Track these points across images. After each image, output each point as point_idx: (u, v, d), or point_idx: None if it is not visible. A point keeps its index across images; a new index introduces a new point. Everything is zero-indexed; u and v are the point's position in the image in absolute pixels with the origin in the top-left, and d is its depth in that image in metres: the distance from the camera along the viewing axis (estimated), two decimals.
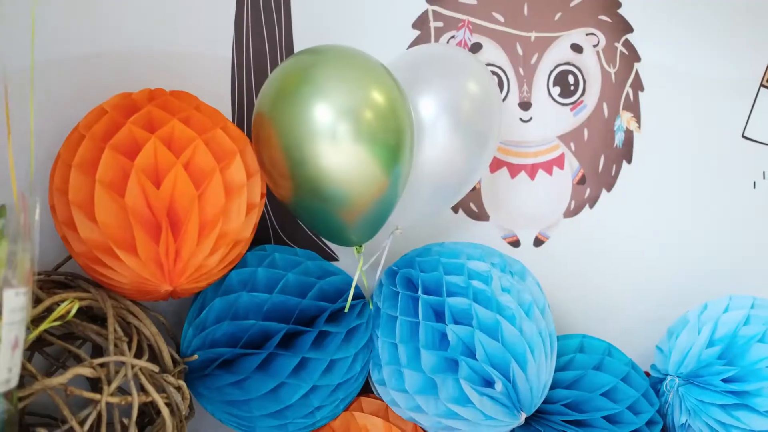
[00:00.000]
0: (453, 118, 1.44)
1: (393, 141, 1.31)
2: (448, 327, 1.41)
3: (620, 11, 1.73)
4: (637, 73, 1.75)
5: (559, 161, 1.74)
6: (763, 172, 1.83)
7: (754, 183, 1.83)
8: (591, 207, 1.77)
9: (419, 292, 1.45)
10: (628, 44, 1.74)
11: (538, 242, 1.76)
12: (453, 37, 1.67)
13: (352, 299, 1.46)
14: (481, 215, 1.73)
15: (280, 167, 1.31)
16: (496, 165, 1.71)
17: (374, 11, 1.64)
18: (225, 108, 1.54)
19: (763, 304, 1.68)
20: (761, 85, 1.81)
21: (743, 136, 1.81)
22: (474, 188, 1.70)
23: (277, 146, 1.30)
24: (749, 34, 1.79)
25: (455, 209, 1.71)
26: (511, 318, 1.42)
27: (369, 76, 1.32)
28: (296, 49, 1.59)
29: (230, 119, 1.51)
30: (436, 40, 1.66)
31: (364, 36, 1.60)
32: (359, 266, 1.44)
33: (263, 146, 1.34)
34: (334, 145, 1.28)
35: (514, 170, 1.73)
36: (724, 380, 1.57)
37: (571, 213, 1.76)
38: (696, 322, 1.66)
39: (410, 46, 1.66)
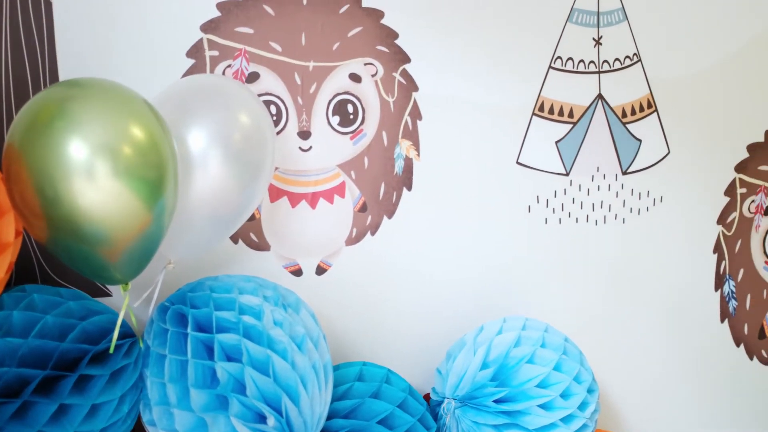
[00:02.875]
0: (224, 149, 1.45)
1: (154, 176, 1.30)
2: (218, 364, 1.42)
3: (398, 42, 1.80)
4: (415, 102, 1.83)
5: (340, 189, 1.79)
6: (537, 197, 1.95)
7: (529, 207, 1.95)
8: (373, 234, 1.83)
9: (189, 329, 1.45)
10: (405, 74, 1.82)
11: (320, 270, 1.80)
12: (229, 66, 1.69)
13: (121, 338, 1.44)
14: (261, 245, 1.75)
15: (32, 206, 1.28)
16: (276, 194, 1.74)
17: (148, 39, 1.63)
18: None
19: (534, 325, 1.80)
20: (533, 113, 1.93)
21: (518, 162, 1.93)
22: (254, 218, 1.72)
23: (28, 183, 1.26)
24: (520, 65, 1.91)
25: (234, 240, 1.72)
26: (282, 352, 1.45)
27: (127, 110, 1.31)
28: (62, 77, 1.55)
29: None
30: (212, 70, 1.67)
31: (135, 64, 1.59)
32: (124, 304, 1.42)
33: (14, 183, 1.30)
34: (91, 183, 1.25)
35: (294, 199, 1.76)
36: (496, 401, 1.67)
37: (353, 240, 1.82)
38: (472, 344, 1.76)
39: (185, 74, 1.66)
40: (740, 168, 2.16)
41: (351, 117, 1.78)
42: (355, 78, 1.77)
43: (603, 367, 2.01)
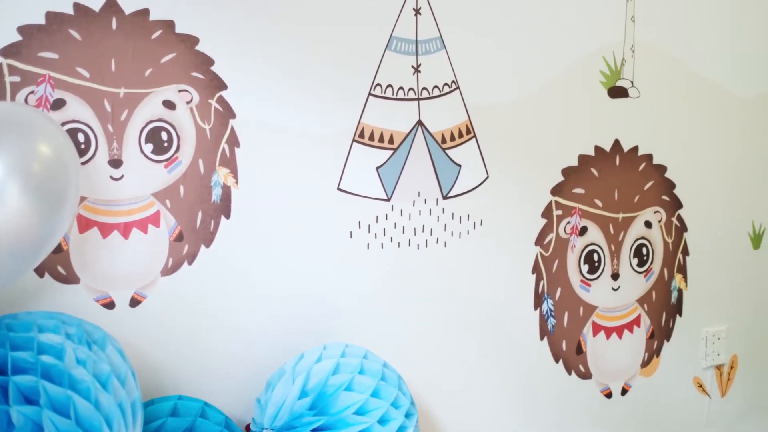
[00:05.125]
0: (23, 180, 1.42)
1: None
2: (12, 408, 1.38)
3: (213, 68, 1.81)
4: (232, 129, 1.84)
5: (155, 219, 1.78)
6: (359, 222, 2.00)
7: (351, 233, 2.00)
8: (190, 264, 1.82)
9: None
10: (222, 101, 1.83)
11: (134, 302, 1.78)
12: (32, 92, 1.64)
13: None
14: (70, 278, 1.71)
15: None
16: (85, 225, 1.71)
17: None
18: None
19: (354, 352, 1.84)
20: (354, 139, 1.98)
21: (339, 189, 1.97)
22: (61, 250, 1.68)
23: None
24: (340, 92, 1.95)
25: (40, 273, 1.68)
26: (85, 392, 1.42)
27: None
28: None
29: None
30: (13, 97, 1.62)
31: None
32: None
33: None
34: None
35: (105, 230, 1.73)
36: (314, 430, 1.69)
37: (169, 271, 1.80)
38: (291, 373, 1.78)
39: None
40: (556, 191, 2.28)
41: (165, 145, 1.77)
42: (170, 105, 1.77)
43: (426, 389, 2.09)
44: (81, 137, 1.69)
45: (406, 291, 2.07)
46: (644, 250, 2.47)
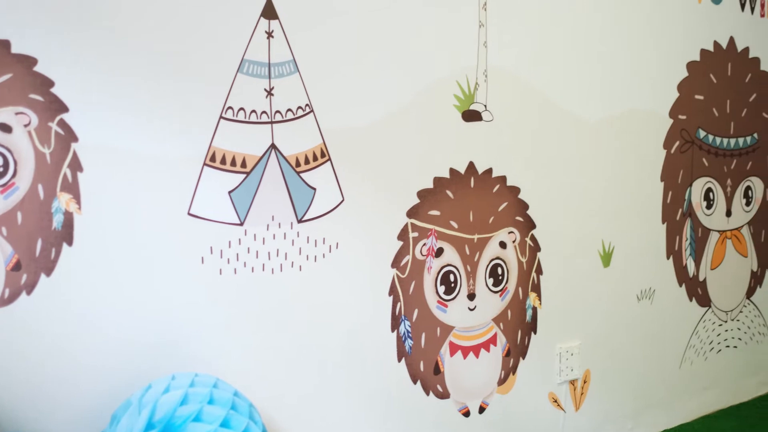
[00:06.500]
0: None
1: None
2: None
3: (53, 90, 1.76)
4: (75, 153, 1.79)
5: None
6: (211, 248, 1.98)
7: (203, 258, 1.97)
8: (29, 294, 1.76)
9: None
10: (63, 124, 1.77)
11: None
12: None
13: None
14: None
15: None
16: None
17: None
18: None
19: (204, 381, 1.81)
20: (205, 163, 1.96)
21: (189, 214, 1.95)
22: None
23: None
24: (190, 115, 1.93)
25: None
26: None
27: None
28: None
29: None
30: None
31: None
32: None
33: None
34: None
35: None
36: None
37: (5, 302, 1.74)
38: (137, 404, 1.73)
39: None
40: (412, 213, 2.33)
41: (1, 170, 1.70)
42: (5, 128, 1.71)
43: (283, 415, 2.08)
44: None
45: (260, 316, 2.06)
46: (499, 270, 2.54)
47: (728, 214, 3.22)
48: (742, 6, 3.20)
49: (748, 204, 3.31)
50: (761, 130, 3.33)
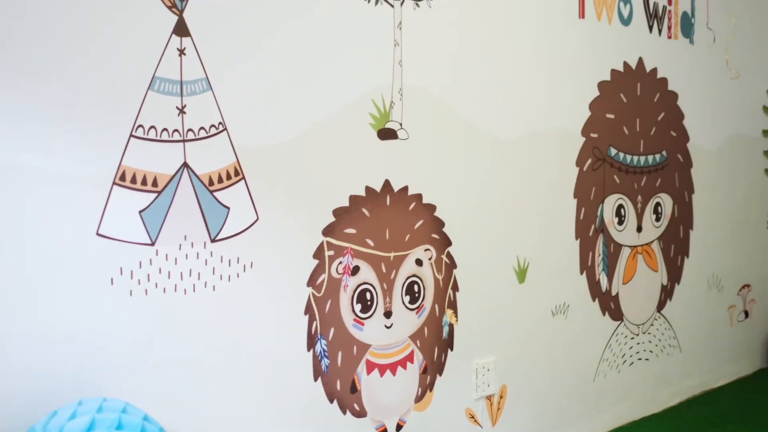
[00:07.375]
0: None
1: None
2: None
3: None
4: None
5: None
6: (121, 268, 1.94)
7: (112, 279, 1.93)
8: None
9: None
10: None
11: None
12: None
13: None
14: None
15: None
16: None
17: None
18: None
19: (112, 406, 1.77)
20: (114, 182, 1.92)
21: (98, 234, 1.91)
22: None
23: None
24: (99, 132, 1.89)
25: None
26: None
27: None
28: None
29: None
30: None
31: None
32: None
33: None
34: None
35: None
36: None
37: None
38: None
39: None
40: (327, 231, 2.33)
41: None
42: None
43: None
44: None
45: (172, 337, 2.03)
46: (416, 288, 2.56)
47: (639, 229, 3.32)
48: (650, 28, 3.31)
49: (657, 220, 3.41)
50: (670, 148, 3.45)
